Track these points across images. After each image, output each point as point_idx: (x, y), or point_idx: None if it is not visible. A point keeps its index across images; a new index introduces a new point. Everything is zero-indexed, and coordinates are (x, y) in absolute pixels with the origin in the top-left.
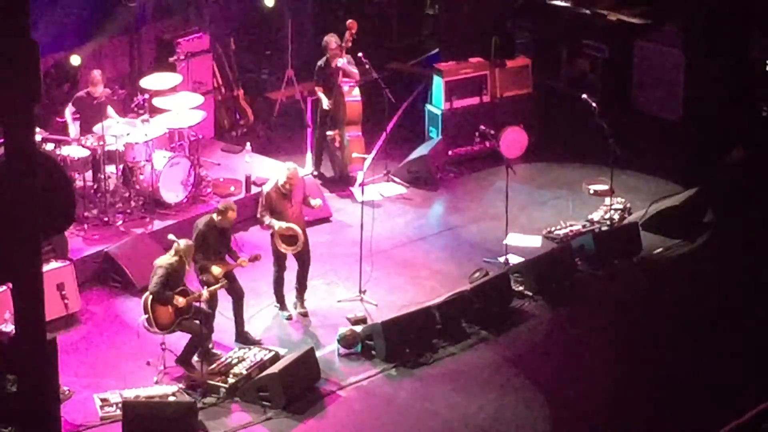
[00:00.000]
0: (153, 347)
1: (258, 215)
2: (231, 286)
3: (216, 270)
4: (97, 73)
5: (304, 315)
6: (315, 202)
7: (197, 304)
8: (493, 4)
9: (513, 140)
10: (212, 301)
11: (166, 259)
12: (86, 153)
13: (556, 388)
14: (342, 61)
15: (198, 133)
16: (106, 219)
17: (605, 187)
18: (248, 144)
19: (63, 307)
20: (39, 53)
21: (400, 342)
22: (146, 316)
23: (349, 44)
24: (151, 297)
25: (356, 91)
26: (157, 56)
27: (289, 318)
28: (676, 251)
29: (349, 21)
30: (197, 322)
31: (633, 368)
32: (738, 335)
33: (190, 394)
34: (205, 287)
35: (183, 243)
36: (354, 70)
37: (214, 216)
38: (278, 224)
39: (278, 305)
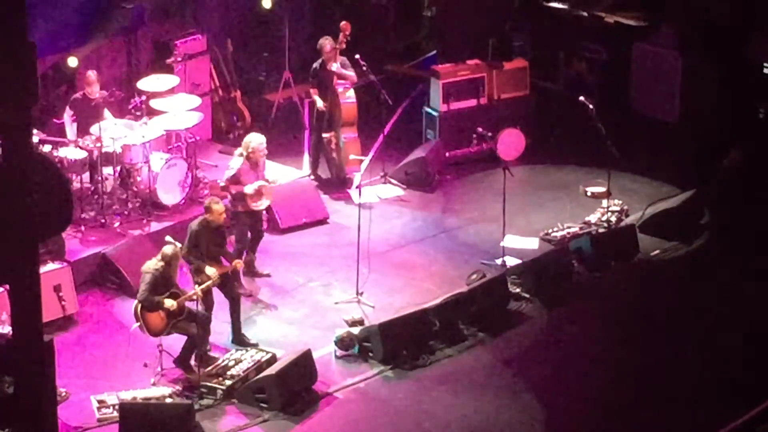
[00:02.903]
0: (150, 349)
1: (223, 185)
2: (226, 288)
3: (210, 271)
4: (92, 74)
5: (269, 275)
6: (272, 178)
7: (192, 305)
8: (491, 6)
9: (510, 142)
10: (208, 302)
11: (152, 265)
12: (83, 155)
13: (553, 390)
14: (336, 66)
15: (195, 135)
16: (103, 221)
17: (602, 189)
18: None
19: (60, 309)
20: (36, 55)
21: (397, 344)
22: (138, 324)
23: (343, 46)
24: (139, 305)
25: (351, 93)
26: (154, 58)
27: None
28: (673, 253)
29: (343, 23)
30: (193, 323)
31: (629, 370)
32: (735, 337)
33: (187, 395)
34: (197, 287)
35: (170, 249)
36: (349, 72)
37: (207, 216)
38: (250, 188)
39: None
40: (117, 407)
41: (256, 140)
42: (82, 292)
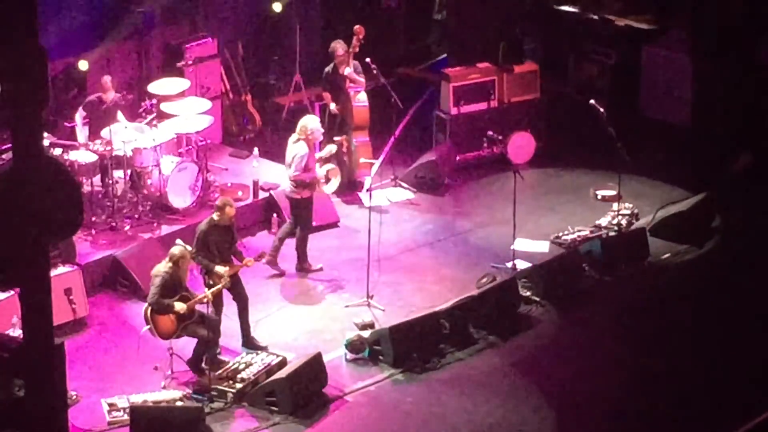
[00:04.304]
0: (160, 352)
1: (296, 174)
2: (236, 291)
3: (220, 270)
4: (107, 79)
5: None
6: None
7: (202, 308)
8: (501, 9)
9: (520, 145)
10: (217, 304)
11: (161, 268)
12: (94, 158)
13: (563, 394)
14: (348, 70)
15: (206, 138)
16: (113, 224)
17: (613, 192)
18: (256, 149)
19: (71, 312)
20: (47, 59)
21: (408, 347)
22: (148, 326)
23: (357, 50)
24: (150, 308)
25: (364, 97)
26: (164, 61)
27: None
28: (684, 257)
29: (357, 26)
30: (203, 326)
31: (640, 373)
32: (745, 341)
33: (197, 399)
34: (207, 289)
35: (178, 249)
36: (360, 78)
37: (214, 215)
38: (321, 171)
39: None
40: (127, 410)
41: (312, 122)
42: (93, 295)
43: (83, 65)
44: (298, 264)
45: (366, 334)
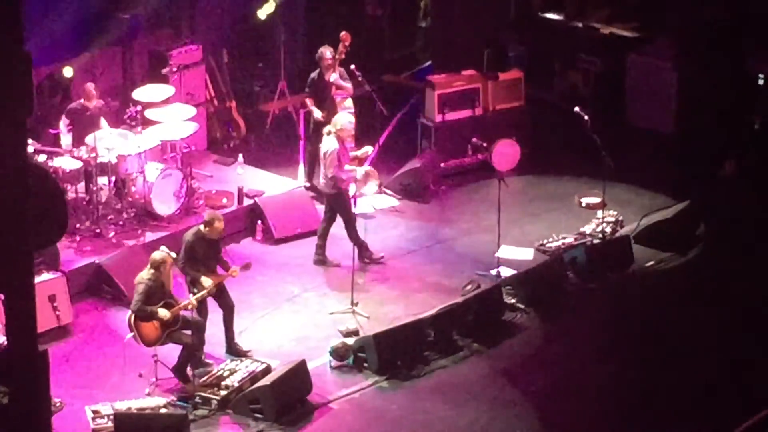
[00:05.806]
0: (145, 359)
1: (331, 175)
2: (221, 298)
3: (207, 282)
4: (90, 86)
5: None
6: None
7: (187, 314)
8: (486, 16)
9: (505, 153)
10: (202, 311)
11: (144, 275)
12: (78, 164)
13: (547, 401)
14: (334, 77)
15: (190, 145)
16: (98, 231)
17: (597, 200)
18: (240, 156)
19: (55, 319)
20: (32, 65)
21: (392, 354)
22: (132, 333)
23: (343, 56)
24: (133, 315)
25: (349, 103)
26: (149, 68)
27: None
28: (668, 264)
29: (343, 33)
30: (188, 332)
31: (624, 381)
32: (730, 348)
33: (181, 406)
34: (192, 296)
35: (158, 255)
36: (347, 84)
37: (202, 227)
38: (360, 172)
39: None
40: (111, 417)
41: (342, 118)
42: (77, 302)
43: (68, 72)
44: (359, 254)
45: (350, 341)
